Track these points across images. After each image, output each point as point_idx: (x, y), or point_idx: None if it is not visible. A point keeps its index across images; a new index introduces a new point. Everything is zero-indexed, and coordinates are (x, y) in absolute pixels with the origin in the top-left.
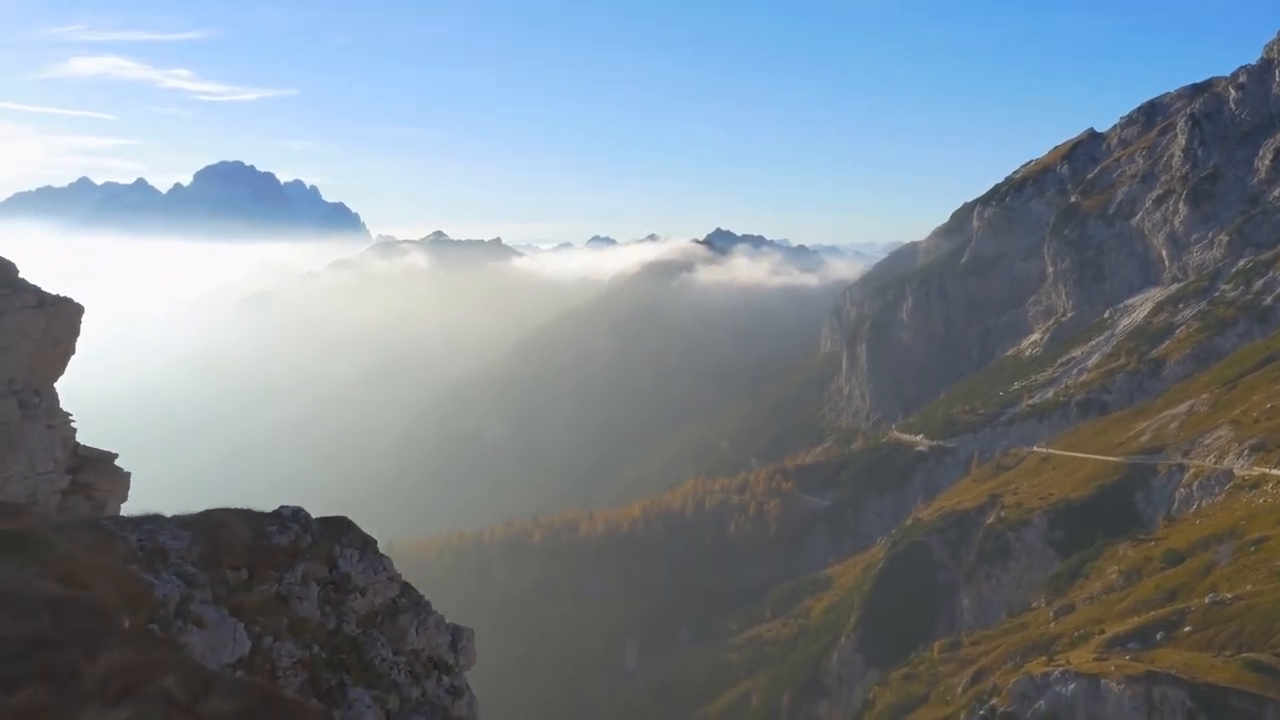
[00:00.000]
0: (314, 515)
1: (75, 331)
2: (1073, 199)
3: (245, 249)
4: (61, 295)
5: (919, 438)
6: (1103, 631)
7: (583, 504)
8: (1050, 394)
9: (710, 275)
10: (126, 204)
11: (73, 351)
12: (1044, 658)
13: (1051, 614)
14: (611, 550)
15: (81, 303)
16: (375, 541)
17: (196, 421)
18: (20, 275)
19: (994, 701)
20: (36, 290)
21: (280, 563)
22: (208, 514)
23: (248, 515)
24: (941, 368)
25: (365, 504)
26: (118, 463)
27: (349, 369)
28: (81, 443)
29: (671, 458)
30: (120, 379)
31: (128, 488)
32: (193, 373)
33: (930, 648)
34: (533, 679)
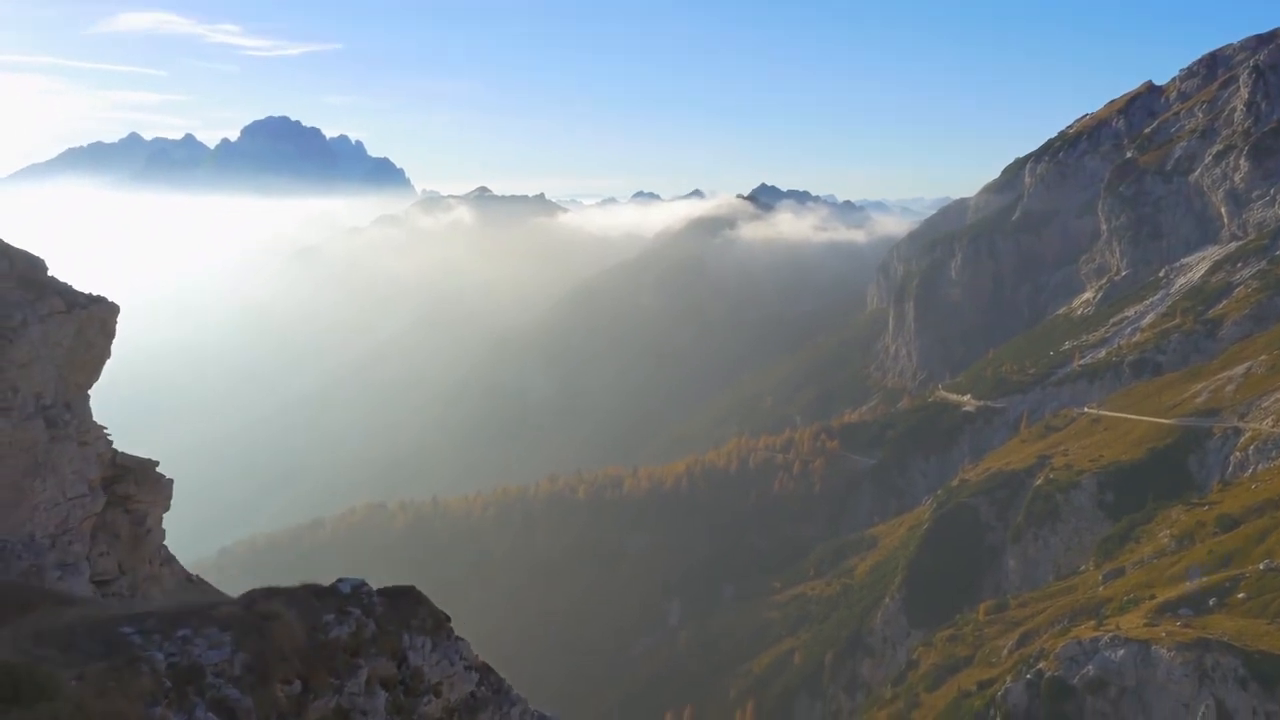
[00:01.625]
0: (376, 588)
1: (109, 334)
2: (1129, 154)
3: (291, 204)
4: (93, 295)
5: (966, 397)
6: (1153, 597)
7: (626, 460)
8: (1102, 354)
9: (755, 231)
10: (175, 160)
11: (107, 355)
12: (1093, 622)
13: (1100, 578)
14: (655, 507)
15: (116, 302)
16: (448, 619)
17: (245, 376)
18: (49, 274)
19: (1041, 665)
20: (66, 291)
21: (340, 664)
22: (253, 604)
23: (300, 600)
24: (990, 326)
25: (410, 459)
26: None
27: (394, 324)
28: (119, 450)
29: (715, 415)
30: (169, 334)
31: (169, 496)
32: (240, 328)
33: (976, 609)
34: (577, 634)
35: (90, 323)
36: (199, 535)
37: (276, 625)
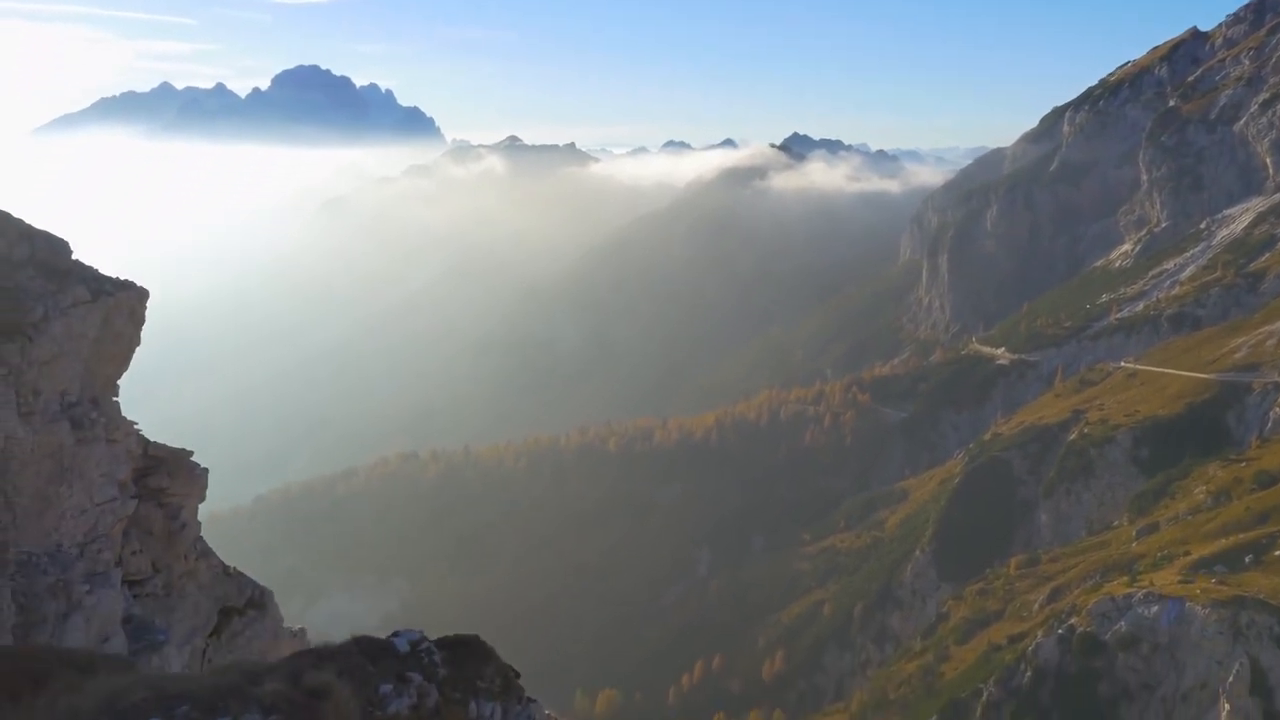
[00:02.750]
0: (432, 636)
1: (139, 321)
2: (1171, 103)
3: (322, 154)
4: (121, 280)
5: (1000, 351)
6: (1188, 553)
7: (656, 410)
8: (1140, 307)
9: (786, 181)
10: (207, 109)
11: (136, 343)
12: (1125, 578)
13: (1134, 533)
14: (685, 459)
15: (145, 287)
16: (518, 675)
17: (275, 327)
18: (74, 257)
19: (1073, 621)
20: (91, 277)
21: None
22: (300, 677)
23: (352, 666)
24: (1026, 279)
25: (442, 409)
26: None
27: (424, 275)
28: (152, 440)
29: (745, 366)
30: (200, 285)
31: (205, 487)
32: (271, 278)
33: (1006, 564)
34: (608, 583)
35: (118, 311)
36: (233, 483)
37: (328, 706)
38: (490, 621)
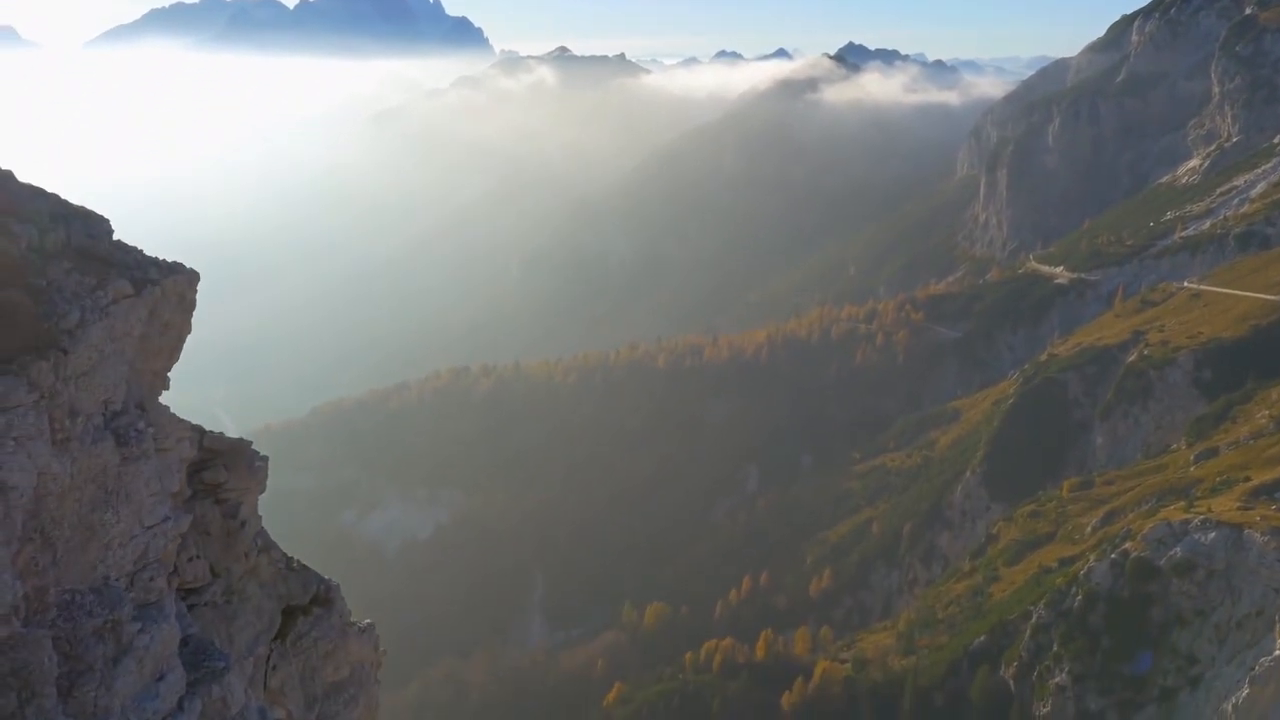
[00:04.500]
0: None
1: (189, 306)
2: (1248, 10)
3: (371, 65)
4: (167, 264)
5: (1059, 269)
6: (1248, 479)
7: (705, 326)
8: (1206, 226)
9: (841, 93)
10: (256, 20)
11: (187, 331)
12: (1182, 503)
13: (1192, 458)
14: (735, 376)
15: (195, 269)
16: None
17: (324, 240)
18: (115, 237)
19: (1127, 545)
20: (134, 262)
21: None
22: None
23: None
24: (1087, 195)
25: (491, 324)
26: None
27: (474, 188)
28: (209, 430)
29: (796, 282)
30: (249, 198)
31: (265, 478)
32: (320, 192)
33: (1059, 486)
34: (657, 498)
35: (165, 300)
36: (288, 396)
37: None
38: (540, 534)
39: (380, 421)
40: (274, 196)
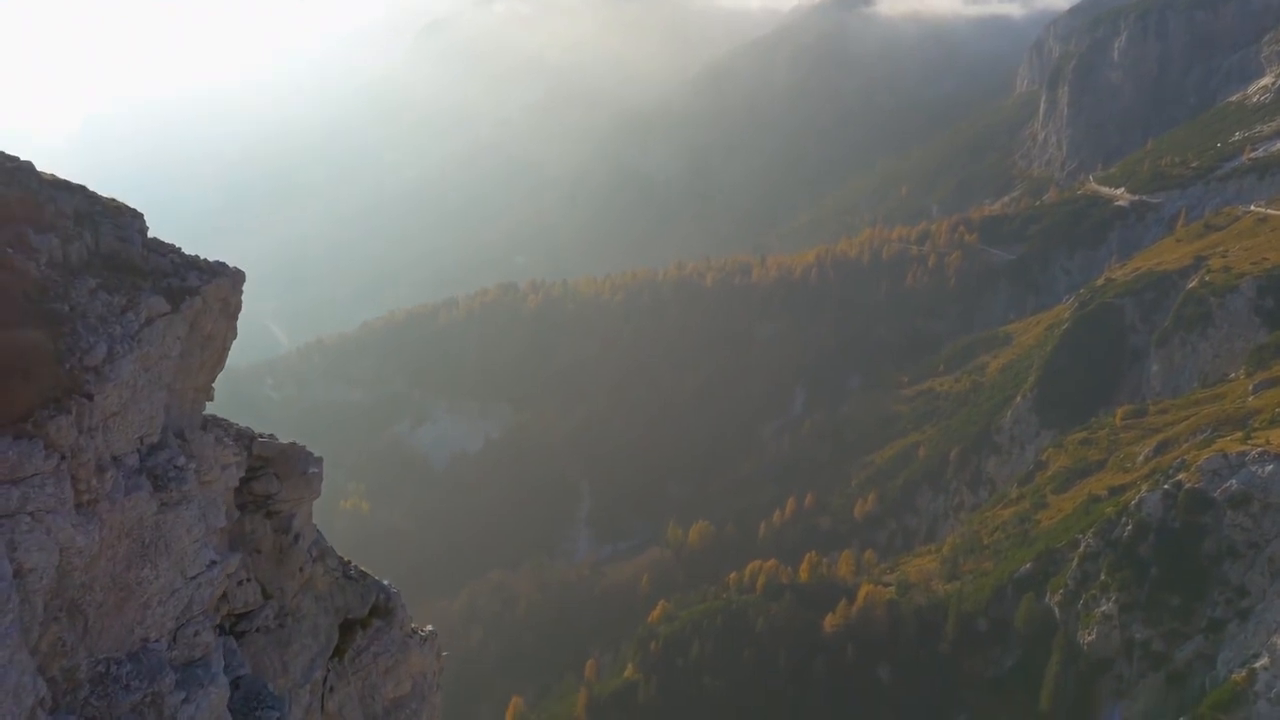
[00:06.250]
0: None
1: (233, 311)
2: None
3: None
4: (209, 264)
5: (1119, 191)
6: None
7: (753, 245)
8: (1276, 147)
9: (897, 4)
10: None
11: (233, 337)
12: (1239, 434)
13: (1251, 388)
14: (783, 296)
15: (241, 269)
16: None
17: (370, 154)
18: (150, 234)
19: (1180, 476)
20: (171, 267)
21: None
22: None
23: None
24: (1152, 114)
25: (536, 238)
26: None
27: (521, 100)
28: (257, 436)
29: (847, 201)
30: (294, 111)
31: (320, 483)
32: (366, 103)
33: (1112, 414)
34: (703, 415)
35: (207, 310)
36: (337, 309)
37: None
38: (587, 450)
39: (430, 336)
40: (326, 105)
